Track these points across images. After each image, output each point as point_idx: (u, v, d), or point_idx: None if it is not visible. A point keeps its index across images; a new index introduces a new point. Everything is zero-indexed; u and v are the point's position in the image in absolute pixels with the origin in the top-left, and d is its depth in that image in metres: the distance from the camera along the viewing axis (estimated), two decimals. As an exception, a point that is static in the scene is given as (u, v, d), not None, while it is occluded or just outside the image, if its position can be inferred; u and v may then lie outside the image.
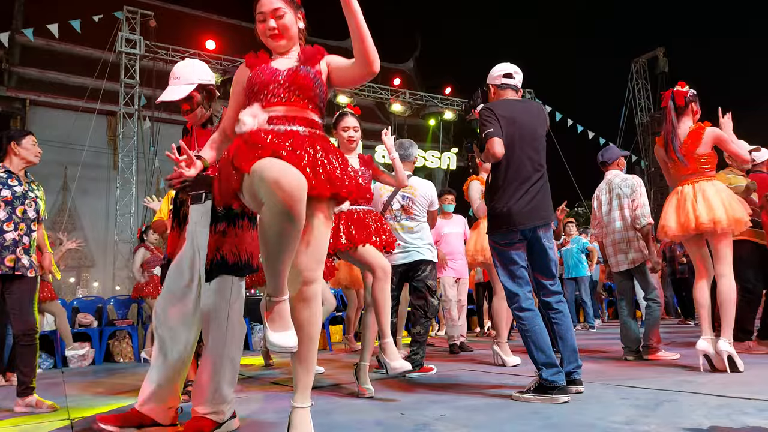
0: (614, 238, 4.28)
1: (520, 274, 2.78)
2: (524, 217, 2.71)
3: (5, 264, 3.12)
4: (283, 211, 1.62)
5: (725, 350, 3.16)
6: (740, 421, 1.96)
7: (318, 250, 1.89)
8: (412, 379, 3.67)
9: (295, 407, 1.86)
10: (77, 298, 7.54)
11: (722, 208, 3.24)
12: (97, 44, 13.90)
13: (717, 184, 3.38)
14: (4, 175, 3.23)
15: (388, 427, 2.20)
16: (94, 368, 6.07)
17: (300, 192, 1.64)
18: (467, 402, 2.68)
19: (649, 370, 3.48)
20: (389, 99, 16.49)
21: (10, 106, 16.14)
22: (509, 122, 2.78)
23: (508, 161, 2.77)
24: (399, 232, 3.89)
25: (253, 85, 1.95)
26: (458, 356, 5.08)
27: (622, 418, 2.12)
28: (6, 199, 3.17)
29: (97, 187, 17.27)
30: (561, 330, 2.78)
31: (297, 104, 1.92)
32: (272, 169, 1.65)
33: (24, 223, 3.23)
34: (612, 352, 4.63)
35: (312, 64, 1.99)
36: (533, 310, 2.75)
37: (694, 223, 3.29)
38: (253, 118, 1.83)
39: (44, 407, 3.09)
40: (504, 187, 2.77)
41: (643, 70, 19.99)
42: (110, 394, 3.78)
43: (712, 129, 3.40)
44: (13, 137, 3.31)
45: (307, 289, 1.86)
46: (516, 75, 3.00)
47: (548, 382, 2.56)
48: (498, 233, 2.80)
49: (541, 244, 2.78)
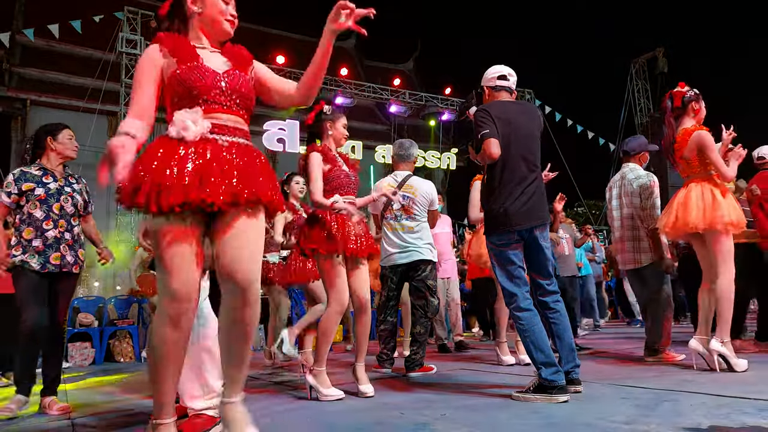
0: (621, 235, 4.16)
1: (518, 275, 2.79)
2: (521, 217, 2.73)
3: (51, 262, 3.09)
4: (171, 315, 1.68)
5: (716, 349, 3.17)
6: (740, 421, 1.96)
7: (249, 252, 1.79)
8: (412, 378, 3.67)
9: (228, 402, 1.80)
10: (78, 298, 7.53)
11: (697, 210, 3.25)
12: (97, 44, 13.90)
13: (704, 187, 3.33)
14: (38, 173, 3.17)
15: (388, 427, 2.20)
16: (95, 368, 6.08)
17: (189, 303, 1.68)
18: (467, 401, 2.68)
19: (649, 370, 3.48)
20: (389, 99, 16.49)
21: (10, 107, 16.12)
22: (505, 123, 2.79)
23: (504, 162, 2.78)
24: (399, 232, 3.90)
25: (190, 87, 1.76)
26: (458, 356, 5.09)
27: (622, 417, 2.12)
28: (40, 198, 3.12)
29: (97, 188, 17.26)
30: (558, 329, 2.78)
31: (237, 113, 1.85)
32: (170, 260, 1.68)
33: (63, 219, 3.17)
34: (612, 352, 4.63)
35: (245, 70, 1.91)
36: (531, 310, 2.76)
37: (681, 225, 3.33)
38: (195, 124, 1.72)
39: (54, 409, 3.05)
40: (500, 187, 2.78)
41: (643, 71, 19.99)
42: (111, 393, 3.78)
43: (697, 134, 3.35)
44: (49, 131, 3.25)
45: (250, 294, 1.77)
46: (510, 77, 3.01)
47: (548, 382, 2.57)
48: (495, 234, 2.80)
49: (538, 243, 2.79)
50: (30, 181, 3.12)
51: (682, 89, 3.50)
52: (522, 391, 2.65)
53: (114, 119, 14.74)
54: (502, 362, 4.08)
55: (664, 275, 4.04)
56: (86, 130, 13.04)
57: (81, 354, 6.34)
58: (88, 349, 6.44)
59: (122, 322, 6.92)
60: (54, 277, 3.15)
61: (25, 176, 3.13)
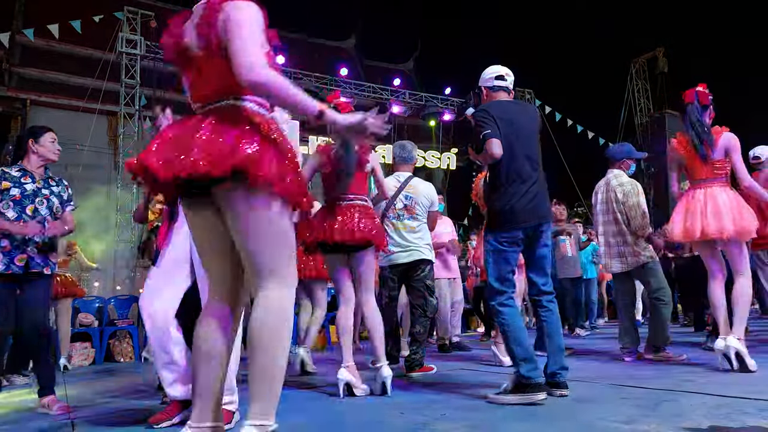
0: (606, 240, 4.22)
1: (508, 277, 2.80)
2: (528, 214, 2.74)
3: (15, 263, 3.08)
4: None
5: (734, 347, 3.14)
6: (740, 421, 1.96)
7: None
8: (412, 378, 3.67)
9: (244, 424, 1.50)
10: (78, 298, 7.54)
11: (730, 217, 3.22)
12: (97, 44, 13.89)
13: (728, 192, 3.34)
14: (17, 174, 3.20)
15: (388, 427, 2.20)
16: (95, 368, 6.08)
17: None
18: (467, 401, 2.68)
19: (649, 370, 3.48)
20: (389, 99, 16.49)
21: (10, 106, 16.12)
22: (507, 123, 2.80)
23: (508, 161, 2.78)
24: (402, 231, 3.91)
25: None
26: (458, 356, 5.09)
27: (622, 417, 2.12)
28: (15, 198, 3.13)
29: (97, 188, 17.27)
30: (550, 329, 2.80)
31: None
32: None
33: (36, 222, 3.17)
34: (612, 352, 4.63)
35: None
36: (513, 306, 2.78)
37: (699, 232, 3.27)
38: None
39: (54, 408, 3.05)
40: (506, 186, 2.78)
41: (643, 71, 19.99)
42: (111, 393, 3.78)
43: (728, 135, 3.34)
44: (32, 134, 3.30)
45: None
46: (507, 77, 3.02)
47: (525, 378, 2.56)
48: (500, 231, 2.80)
49: (541, 241, 2.81)
50: (7, 181, 3.15)
51: (705, 90, 3.44)
52: (499, 392, 2.65)
53: (114, 119, 14.72)
54: (502, 363, 4.08)
55: (658, 273, 4.09)
56: (86, 130, 13.04)
57: (81, 354, 6.34)
58: (88, 349, 6.44)
59: (122, 322, 6.92)
60: (22, 279, 3.13)
61: (4, 176, 3.17)
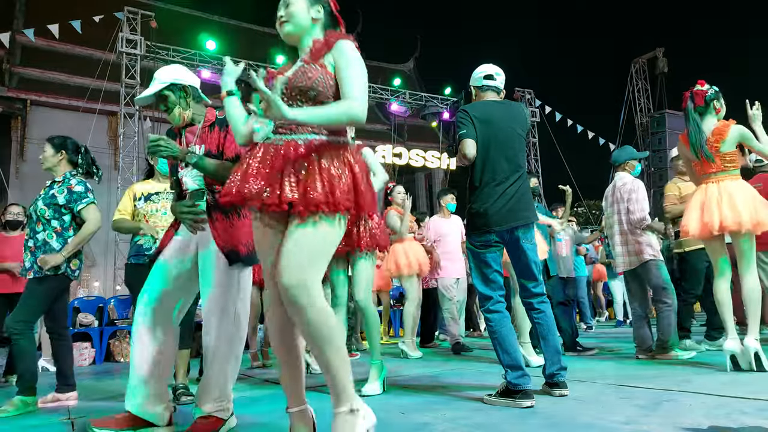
0: (615, 240, 4.35)
1: (493, 278, 2.76)
2: (501, 218, 2.69)
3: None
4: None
5: (754, 348, 3.11)
6: (740, 421, 1.96)
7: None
8: (412, 378, 3.67)
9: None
10: (78, 298, 7.54)
11: (747, 209, 3.20)
12: (97, 45, 13.92)
13: (742, 183, 3.33)
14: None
15: (389, 427, 2.20)
16: (95, 368, 6.08)
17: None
18: (467, 402, 2.68)
19: (649, 370, 3.48)
20: (389, 99, 16.48)
21: (10, 107, 16.13)
22: (485, 124, 2.77)
23: (484, 162, 2.76)
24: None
25: None
26: (459, 356, 5.09)
27: (622, 417, 2.12)
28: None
29: (97, 187, 17.27)
30: (543, 331, 2.76)
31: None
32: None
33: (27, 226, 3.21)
34: (612, 352, 4.63)
35: (316, 59, 1.81)
36: (502, 312, 2.73)
37: (717, 225, 3.23)
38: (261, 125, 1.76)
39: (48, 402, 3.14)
40: (480, 188, 2.76)
41: (643, 71, 20.02)
42: (111, 393, 3.78)
43: (738, 127, 3.34)
44: None
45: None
46: (497, 76, 2.98)
47: (512, 385, 2.54)
48: (474, 235, 2.78)
49: (520, 245, 2.74)
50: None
51: (702, 87, 3.44)
52: (491, 394, 2.65)
53: (114, 119, 14.75)
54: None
55: (661, 272, 4.14)
56: (86, 130, 13.04)
57: (81, 354, 6.34)
58: (88, 349, 6.43)
59: (122, 322, 6.92)
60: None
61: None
